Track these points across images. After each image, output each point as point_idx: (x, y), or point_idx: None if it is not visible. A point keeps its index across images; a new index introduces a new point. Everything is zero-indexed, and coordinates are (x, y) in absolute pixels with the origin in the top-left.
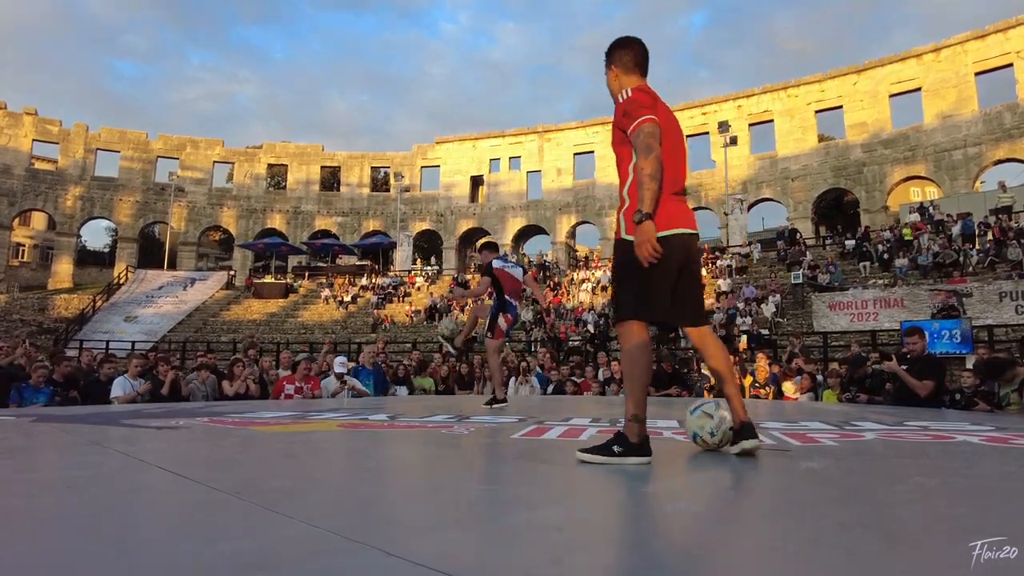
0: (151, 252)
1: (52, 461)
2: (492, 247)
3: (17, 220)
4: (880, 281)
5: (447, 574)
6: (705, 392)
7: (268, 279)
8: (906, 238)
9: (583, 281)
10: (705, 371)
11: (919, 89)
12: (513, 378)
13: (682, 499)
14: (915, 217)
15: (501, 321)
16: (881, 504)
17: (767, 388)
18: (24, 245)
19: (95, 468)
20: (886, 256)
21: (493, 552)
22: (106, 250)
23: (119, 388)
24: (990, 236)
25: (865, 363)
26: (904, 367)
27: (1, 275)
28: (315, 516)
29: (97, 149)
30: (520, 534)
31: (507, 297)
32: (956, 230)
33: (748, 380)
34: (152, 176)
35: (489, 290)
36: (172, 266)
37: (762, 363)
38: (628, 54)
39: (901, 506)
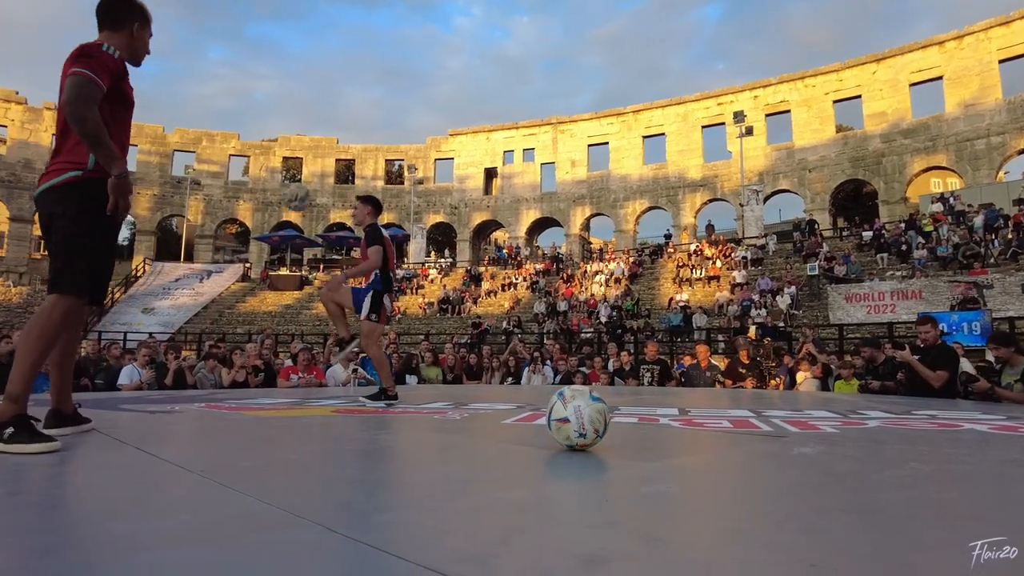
0: (168, 245)
1: None
2: (376, 203)
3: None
4: (898, 273)
5: (382, 550)
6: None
7: (283, 271)
8: (926, 229)
9: (596, 273)
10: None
11: (941, 77)
12: (526, 367)
13: (661, 482)
14: (936, 208)
15: (387, 301)
16: (867, 488)
17: (779, 379)
18: None
19: (72, 448)
20: (904, 248)
21: (441, 531)
22: (124, 243)
23: (126, 376)
24: (1012, 227)
25: (880, 345)
26: (916, 357)
27: (24, 268)
28: (271, 495)
29: None
30: (476, 514)
31: (390, 273)
32: (978, 221)
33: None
34: (169, 170)
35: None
36: (189, 259)
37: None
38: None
39: (888, 490)
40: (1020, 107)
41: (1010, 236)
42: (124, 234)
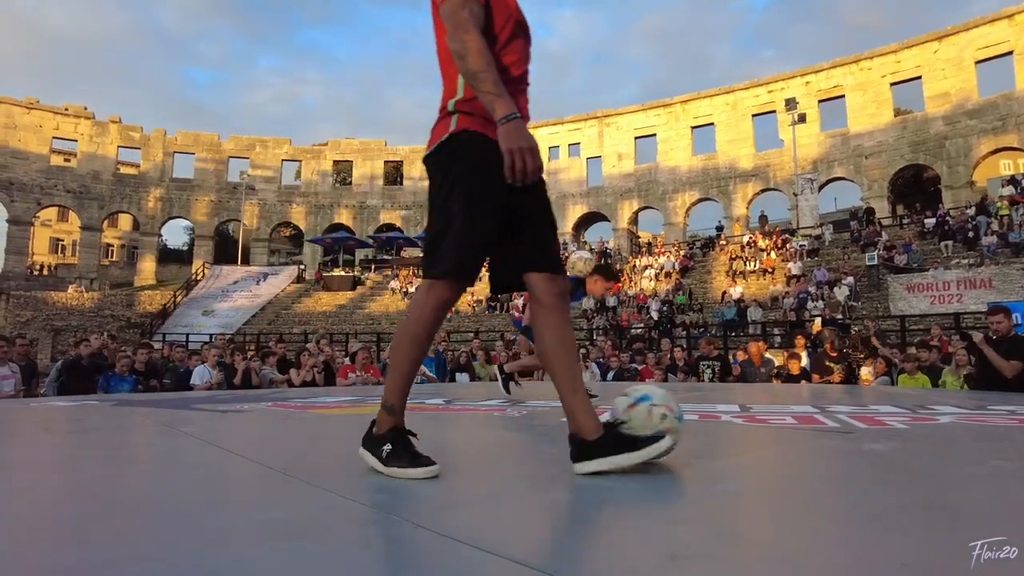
0: (226, 249)
1: (120, 440)
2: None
3: (106, 222)
4: (964, 261)
5: (472, 546)
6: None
7: (337, 272)
8: (1002, 213)
9: (646, 268)
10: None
11: (1010, 53)
12: None
13: (733, 480)
14: (1008, 191)
15: None
16: (948, 486)
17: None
18: (113, 245)
19: (158, 446)
20: (971, 234)
21: (525, 527)
22: (185, 248)
23: (198, 377)
24: None
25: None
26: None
27: (94, 274)
28: (352, 491)
29: (174, 152)
30: (555, 510)
31: None
32: None
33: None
34: (225, 176)
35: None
36: (245, 262)
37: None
38: None
39: (970, 488)
40: None
41: None
42: (183, 239)
